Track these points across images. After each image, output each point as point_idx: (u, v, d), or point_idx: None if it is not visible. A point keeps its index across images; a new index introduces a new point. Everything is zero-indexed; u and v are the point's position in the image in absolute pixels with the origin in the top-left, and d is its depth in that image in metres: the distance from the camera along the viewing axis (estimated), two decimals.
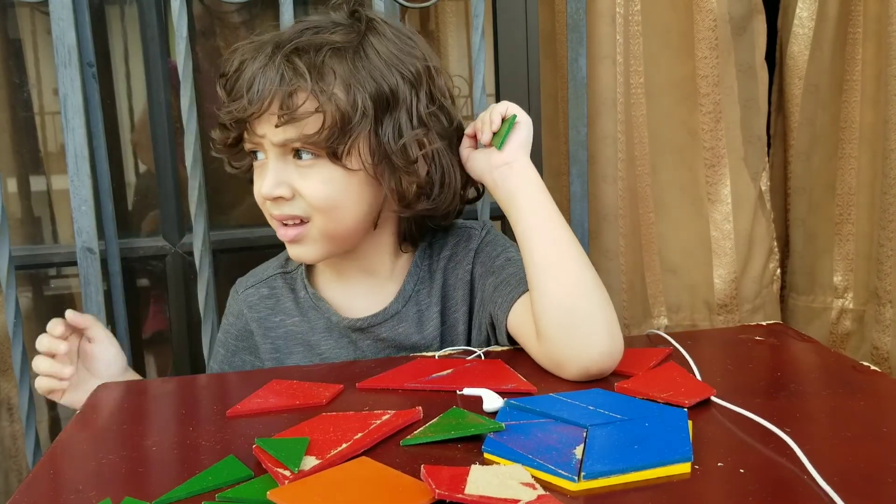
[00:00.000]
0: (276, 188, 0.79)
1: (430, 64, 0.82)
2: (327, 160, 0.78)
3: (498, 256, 0.87)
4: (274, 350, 0.90)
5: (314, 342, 0.89)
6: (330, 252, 0.84)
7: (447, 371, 0.75)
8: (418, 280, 0.89)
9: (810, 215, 1.39)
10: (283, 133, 0.77)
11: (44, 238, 1.36)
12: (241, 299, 0.92)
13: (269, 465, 0.56)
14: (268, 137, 0.78)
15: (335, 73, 0.77)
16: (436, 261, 0.90)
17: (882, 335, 1.29)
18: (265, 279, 0.93)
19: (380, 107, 0.78)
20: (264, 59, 0.77)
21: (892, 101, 1.23)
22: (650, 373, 0.72)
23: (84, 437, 0.66)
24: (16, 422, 1.23)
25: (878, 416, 0.62)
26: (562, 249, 0.77)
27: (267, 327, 0.90)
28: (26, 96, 1.30)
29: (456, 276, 0.89)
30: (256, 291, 0.92)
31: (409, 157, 0.79)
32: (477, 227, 0.91)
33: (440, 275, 0.89)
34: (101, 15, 1.29)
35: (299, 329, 0.90)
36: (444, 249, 0.90)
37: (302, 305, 0.90)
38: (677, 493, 0.51)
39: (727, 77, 1.27)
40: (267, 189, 0.79)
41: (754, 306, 1.35)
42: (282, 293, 0.91)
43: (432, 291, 0.88)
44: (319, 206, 0.79)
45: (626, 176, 1.28)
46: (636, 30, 1.26)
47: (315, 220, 0.80)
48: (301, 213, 0.80)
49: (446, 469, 0.53)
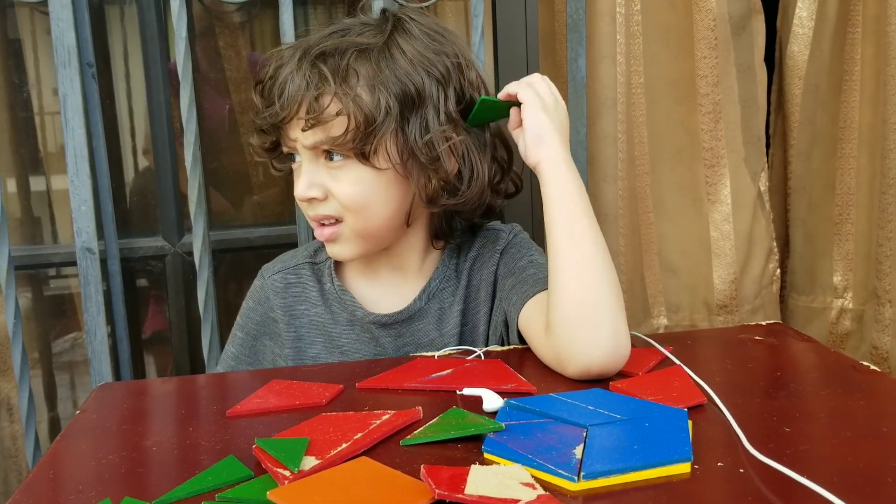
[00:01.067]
0: (309, 190, 0.81)
1: (460, 60, 0.83)
2: (356, 161, 0.80)
3: (522, 258, 0.88)
4: (296, 339, 0.90)
5: (335, 334, 0.89)
6: (365, 250, 0.86)
7: (447, 371, 0.75)
8: (444, 278, 0.90)
9: (810, 215, 1.39)
10: (312, 136, 0.80)
11: (44, 238, 1.36)
12: (267, 284, 0.92)
13: (269, 466, 0.56)
14: (299, 141, 0.81)
15: (359, 75, 0.78)
16: (462, 261, 0.91)
17: (881, 335, 1.30)
18: (292, 266, 0.93)
19: (405, 106, 0.79)
20: (294, 65, 0.79)
21: (891, 100, 1.23)
22: (644, 376, 0.72)
23: (84, 438, 0.66)
24: (15, 422, 1.23)
25: (877, 415, 0.62)
26: (586, 247, 0.76)
27: (292, 314, 0.90)
28: (26, 96, 1.30)
29: (480, 276, 0.90)
30: (283, 278, 0.92)
31: (436, 154, 0.80)
32: (505, 230, 0.92)
33: (465, 275, 0.90)
34: (101, 15, 1.29)
35: (322, 320, 0.90)
36: (471, 250, 0.91)
37: (327, 297, 0.91)
38: (677, 493, 0.51)
39: (726, 77, 1.27)
40: (301, 191, 0.82)
41: (754, 307, 1.35)
42: (308, 282, 0.91)
43: (457, 291, 0.89)
44: (350, 206, 0.81)
45: (626, 176, 1.28)
46: (636, 29, 1.26)
47: (347, 219, 0.83)
48: (334, 213, 0.82)
49: (446, 469, 0.53)
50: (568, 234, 0.76)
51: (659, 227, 1.33)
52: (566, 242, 0.76)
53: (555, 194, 0.78)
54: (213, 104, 1.33)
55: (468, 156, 0.83)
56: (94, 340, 1.11)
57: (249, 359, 0.92)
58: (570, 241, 0.76)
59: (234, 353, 0.93)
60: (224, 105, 1.34)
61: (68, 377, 1.39)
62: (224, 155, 1.35)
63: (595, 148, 1.24)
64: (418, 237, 0.89)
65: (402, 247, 0.88)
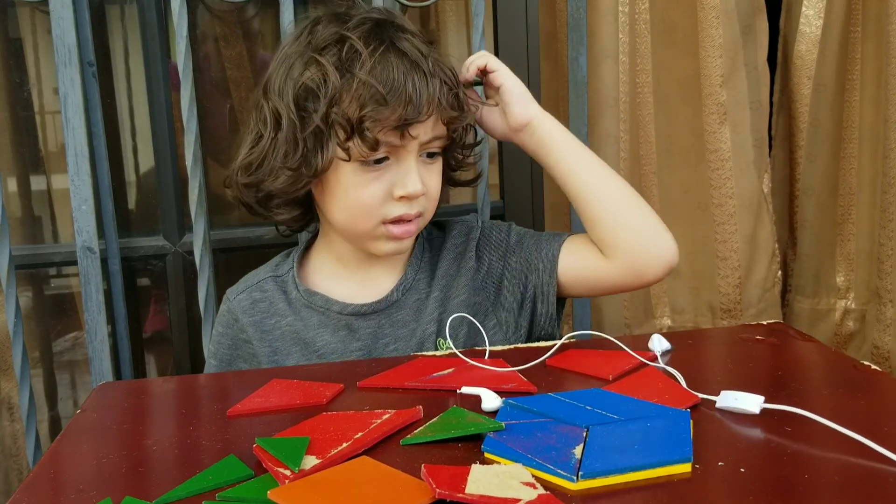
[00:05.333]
0: (420, 185, 0.83)
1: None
2: (440, 155, 0.87)
3: (508, 234, 0.93)
4: (272, 353, 0.90)
5: (309, 339, 0.89)
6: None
7: (447, 370, 0.75)
8: (419, 270, 0.92)
9: (818, 217, 1.38)
10: (433, 131, 0.83)
11: (44, 237, 1.36)
12: (234, 306, 0.92)
13: (270, 465, 0.56)
14: (420, 138, 0.83)
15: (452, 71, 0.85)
16: (436, 253, 0.93)
17: (883, 334, 1.29)
18: (256, 283, 0.93)
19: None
20: (405, 63, 0.80)
21: (892, 99, 1.23)
22: (640, 376, 0.72)
23: (84, 437, 0.66)
24: (16, 421, 1.23)
25: (878, 415, 0.62)
26: (605, 168, 0.89)
27: (264, 330, 0.90)
28: (26, 95, 1.30)
29: (458, 265, 0.92)
30: (249, 296, 0.92)
31: (462, 135, 0.88)
32: (473, 220, 0.96)
33: (443, 265, 0.92)
34: (101, 14, 1.29)
35: (294, 328, 0.90)
36: (445, 241, 0.94)
37: (294, 305, 0.91)
38: (677, 492, 0.51)
39: (732, 77, 1.27)
40: (416, 187, 0.83)
41: (758, 310, 1.35)
42: (274, 295, 0.92)
43: (433, 282, 0.91)
44: (435, 199, 0.87)
45: (630, 175, 1.28)
46: (643, 28, 1.25)
47: (427, 212, 0.87)
48: (421, 208, 0.86)
49: (446, 468, 0.53)
50: (591, 156, 0.89)
51: None
52: (593, 163, 0.88)
53: (560, 134, 0.89)
54: (213, 103, 1.33)
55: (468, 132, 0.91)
56: (95, 340, 1.11)
57: None
58: (595, 160, 0.88)
59: None
60: (224, 104, 1.34)
61: (69, 376, 1.39)
62: (224, 155, 1.34)
63: (596, 147, 1.24)
64: None
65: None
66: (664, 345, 0.77)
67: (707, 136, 1.28)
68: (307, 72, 0.80)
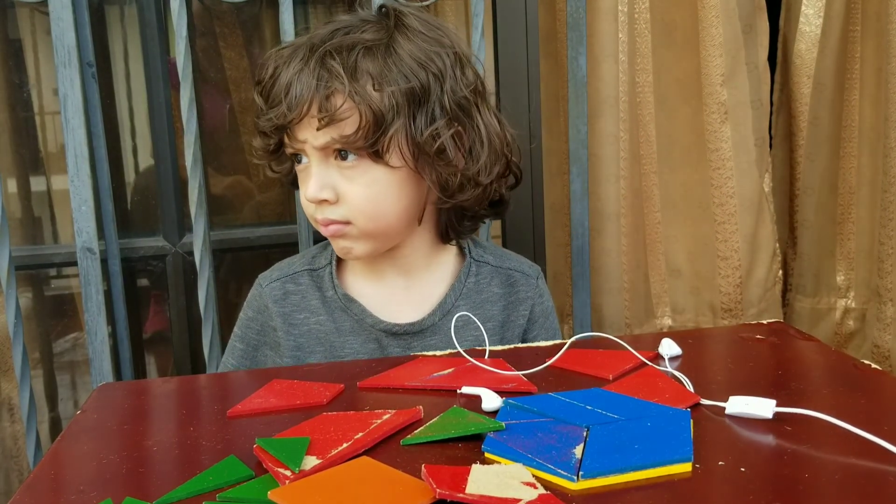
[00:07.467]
0: (321, 191, 0.81)
1: (458, 52, 0.83)
2: (370, 160, 0.80)
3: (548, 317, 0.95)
4: (296, 348, 0.89)
5: (338, 344, 0.88)
6: (375, 249, 0.85)
7: (448, 370, 0.75)
8: (460, 296, 0.90)
9: (818, 217, 1.38)
10: (324, 136, 0.79)
11: (44, 238, 1.36)
12: (265, 293, 0.91)
13: (270, 465, 0.56)
14: (309, 142, 0.80)
15: (368, 73, 0.78)
16: (484, 282, 0.91)
17: (883, 333, 1.29)
18: (291, 275, 0.92)
19: (412, 102, 0.79)
20: (299, 64, 0.78)
21: (892, 98, 1.23)
22: (635, 378, 0.71)
23: (85, 438, 0.66)
24: (16, 422, 1.23)
25: (879, 414, 0.62)
26: None
27: (291, 323, 0.89)
28: (26, 96, 1.30)
29: (505, 313, 0.91)
30: (282, 287, 0.91)
31: (444, 147, 0.80)
32: (532, 275, 0.94)
33: (492, 308, 0.91)
34: (101, 15, 1.29)
35: (324, 329, 0.89)
36: (493, 278, 0.92)
37: (329, 305, 0.89)
38: (677, 492, 0.51)
39: (733, 77, 1.27)
40: (312, 192, 0.81)
41: (759, 310, 1.34)
42: (307, 291, 0.90)
43: (471, 310, 0.89)
44: (363, 208, 0.81)
45: (630, 175, 1.27)
46: (643, 27, 1.25)
47: (358, 221, 0.82)
48: (342, 217, 0.82)
49: (447, 468, 0.53)
50: None
51: (665, 228, 1.32)
52: None
53: None
54: (213, 103, 1.33)
55: (474, 148, 0.83)
56: (95, 340, 1.11)
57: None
58: None
59: (234, 366, 0.92)
60: (224, 104, 1.34)
61: (69, 377, 1.39)
62: (224, 155, 1.35)
63: (596, 147, 1.24)
64: (423, 238, 0.88)
65: (407, 248, 0.88)
66: (674, 349, 0.76)
67: (708, 136, 1.28)
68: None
